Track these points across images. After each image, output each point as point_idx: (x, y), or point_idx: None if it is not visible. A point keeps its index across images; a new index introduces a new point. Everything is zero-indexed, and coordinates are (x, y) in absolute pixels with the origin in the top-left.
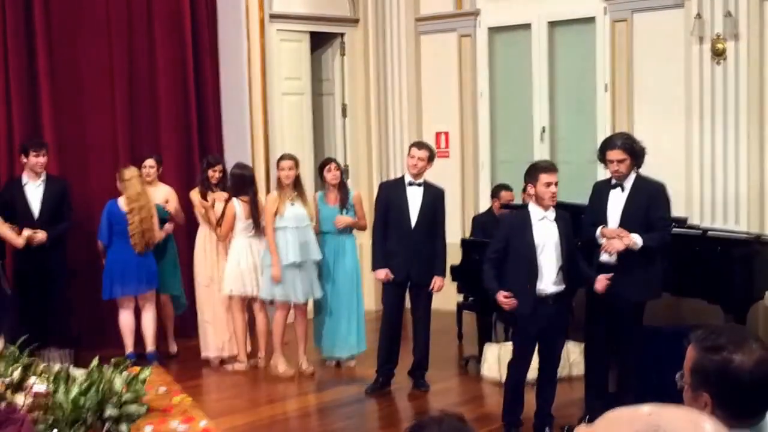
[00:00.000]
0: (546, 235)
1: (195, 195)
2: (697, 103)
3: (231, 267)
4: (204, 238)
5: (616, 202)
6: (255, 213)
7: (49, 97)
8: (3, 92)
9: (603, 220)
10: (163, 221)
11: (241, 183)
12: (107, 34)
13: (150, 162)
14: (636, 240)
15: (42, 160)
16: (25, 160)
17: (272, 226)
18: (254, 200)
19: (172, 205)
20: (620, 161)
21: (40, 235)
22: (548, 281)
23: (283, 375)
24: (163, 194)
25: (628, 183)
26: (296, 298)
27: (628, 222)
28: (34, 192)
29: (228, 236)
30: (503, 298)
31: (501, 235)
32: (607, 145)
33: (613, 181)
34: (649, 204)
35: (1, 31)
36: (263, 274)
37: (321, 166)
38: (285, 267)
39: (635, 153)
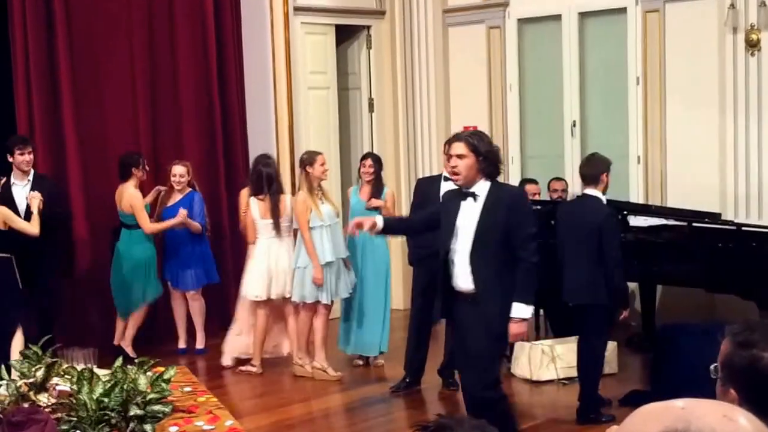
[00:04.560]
0: None
1: (245, 195)
2: (731, 96)
3: (251, 270)
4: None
5: (469, 213)
6: (275, 212)
7: (70, 90)
8: (24, 92)
9: (449, 234)
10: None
11: (258, 181)
12: (128, 29)
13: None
14: (518, 313)
15: (28, 158)
16: (11, 159)
17: (307, 226)
18: (274, 199)
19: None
20: (459, 156)
21: (37, 200)
22: None
23: (333, 377)
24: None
25: (479, 190)
26: (327, 299)
27: (483, 239)
28: (20, 192)
29: (253, 239)
30: None
31: (618, 231)
32: (451, 137)
33: (463, 188)
34: (508, 217)
35: (22, 30)
36: (295, 276)
37: (361, 159)
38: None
39: (480, 154)
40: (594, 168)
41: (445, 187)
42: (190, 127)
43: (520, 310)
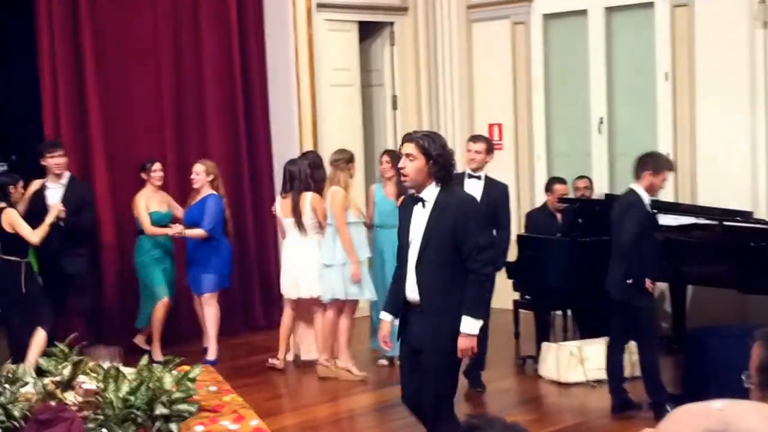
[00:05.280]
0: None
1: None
2: (761, 91)
3: (281, 269)
4: None
5: (419, 221)
6: (296, 211)
7: (96, 92)
8: (51, 96)
9: (404, 243)
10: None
11: (283, 180)
12: (153, 28)
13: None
14: (465, 327)
15: (59, 160)
16: (43, 162)
17: (345, 222)
18: (295, 198)
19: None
20: (409, 158)
21: (55, 210)
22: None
23: (358, 377)
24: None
25: (428, 195)
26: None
27: (430, 248)
28: (53, 195)
29: (283, 237)
30: (650, 283)
31: (641, 217)
32: (404, 137)
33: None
34: (456, 225)
35: (48, 31)
36: (325, 274)
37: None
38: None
39: (431, 157)
40: (639, 163)
41: (469, 184)
42: (214, 126)
43: (468, 325)
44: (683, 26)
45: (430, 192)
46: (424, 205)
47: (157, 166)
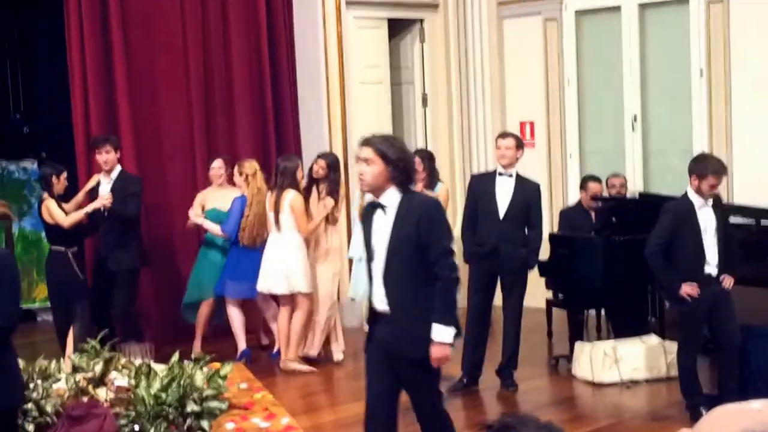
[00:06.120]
0: (707, 221)
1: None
2: None
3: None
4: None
5: (382, 228)
6: (276, 207)
7: (125, 89)
8: (81, 93)
9: (368, 251)
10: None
11: (274, 174)
12: (182, 25)
13: (218, 163)
14: (438, 336)
15: (105, 157)
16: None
17: None
18: (277, 194)
19: None
20: (366, 162)
21: (99, 201)
22: (713, 265)
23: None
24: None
25: (388, 201)
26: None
27: (396, 255)
28: (104, 191)
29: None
30: (689, 289)
31: (666, 224)
32: (361, 140)
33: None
34: (420, 230)
35: (78, 26)
36: (356, 270)
37: None
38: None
39: (390, 161)
40: (689, 166)
41: (501, 182)
42: (243, 124)
43: (440, 333)
44: (718, 22)
45: (391, 197)
46: (385, 212)
47: (215, 163)
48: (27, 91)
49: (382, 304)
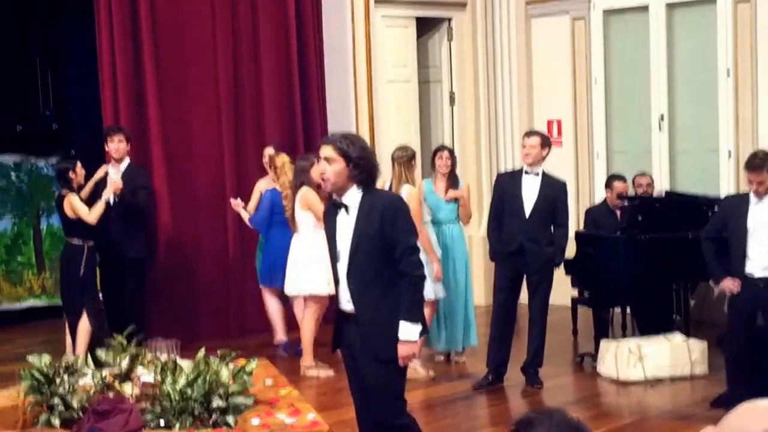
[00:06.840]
0: (757, 219)
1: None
2: None
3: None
4: None
5: (345, 227)
6: (290, 205)
7: (154, 84)
8: (110, 89)
9: (332, 251)
10: None
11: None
12: (211, 22)
13: (270, 151)
14: (404, 334)
15: (117, 146)
16: (106, 148)
17: (423, 221)
18: (294, 192)
19: None
20: (328, 161)
21: (112, 187)
22: (758, 265)
23: (425, 378)
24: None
25: (350, 200)
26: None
27: (360, 254)
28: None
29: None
30: (729, 284)
31: (716, 216)
32: (323, 139)
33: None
34: (383, 228)
35: (108, 26)
36: None
37: (434, 152)
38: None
39: (351, 160)
40: None
41: (526, 181)
42: (271, 121)
43: (407, 331)
44: (745, 22)
45: (353, 196)
46: (348, 211)
47: (267, 150)
48: (57, 89)
49: (348, 304)
